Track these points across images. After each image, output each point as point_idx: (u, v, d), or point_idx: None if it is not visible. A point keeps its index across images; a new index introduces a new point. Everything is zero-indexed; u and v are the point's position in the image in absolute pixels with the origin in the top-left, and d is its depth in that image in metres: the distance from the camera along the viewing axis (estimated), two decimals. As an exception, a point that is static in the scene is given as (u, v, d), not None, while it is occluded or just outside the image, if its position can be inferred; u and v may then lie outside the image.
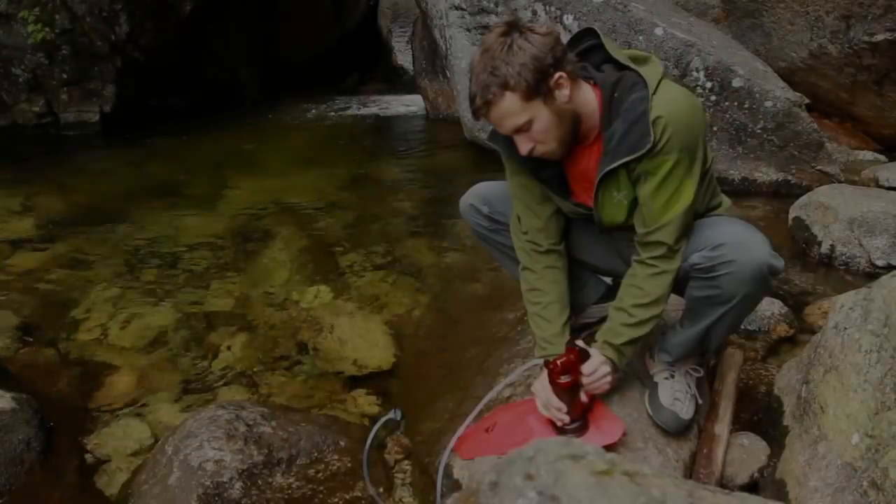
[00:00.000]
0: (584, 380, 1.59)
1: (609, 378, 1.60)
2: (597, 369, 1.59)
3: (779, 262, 1.50)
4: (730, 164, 4.01)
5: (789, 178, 3.97)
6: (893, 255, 2.83)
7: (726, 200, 1.73)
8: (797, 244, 3.21)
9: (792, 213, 3.31)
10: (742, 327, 2.50)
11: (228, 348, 2.81)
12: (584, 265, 1.87)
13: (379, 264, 3.52)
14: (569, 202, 1.66)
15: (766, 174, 3.98)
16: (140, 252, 3.73)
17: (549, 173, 1.63)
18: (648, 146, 1.44)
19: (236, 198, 4.70)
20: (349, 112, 7.65)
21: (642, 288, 1.56)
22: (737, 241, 1.47)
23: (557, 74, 1.44)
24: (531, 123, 1.47)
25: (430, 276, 3.36)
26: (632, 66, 1.50)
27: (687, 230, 1.55)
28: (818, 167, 3.95)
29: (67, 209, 4.47)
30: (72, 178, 5.14)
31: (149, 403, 2.45)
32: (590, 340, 1.68)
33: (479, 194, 1.82)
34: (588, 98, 1.53)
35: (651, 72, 1.49)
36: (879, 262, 2.84)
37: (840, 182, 3.88)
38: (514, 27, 1.43)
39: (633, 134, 1.46)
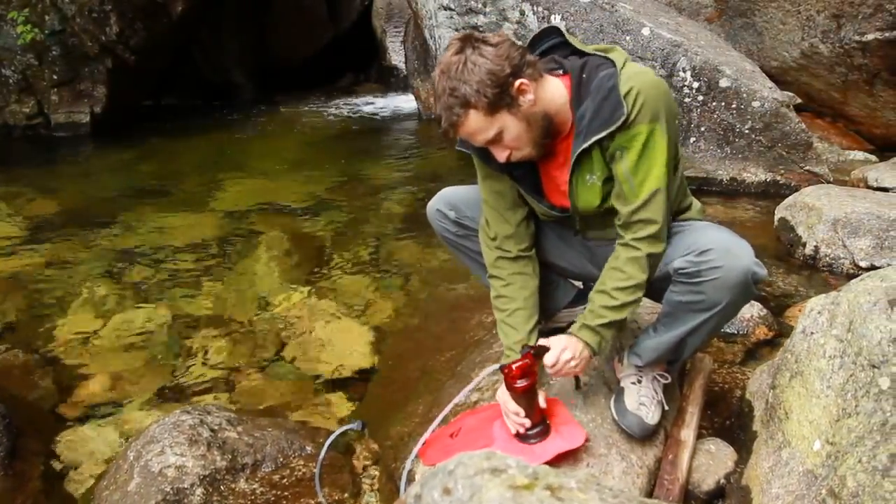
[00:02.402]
0: (549, 370, 1.55)
1: (575, 363, 1.54)
2: (559, 357, 1.53)
3: (762, 271, 1.48)
4: (718, 165, 3.99)
5: (778, 178, 3.95)
6: (877, 257, 2.80)
7: (696, 203, 1.71)
8: (783, 245, 3.19)
9: (777, 214, 3.29)
10: (721, 330, 2.48)
11: (208, 351, 2.79)
12: (554, 269, 1.84)
13: (364, 266, 3.50)
14: (542, 204, 1.64)
15: (755, 174, 3.96)
16: (125, 254, 3.72)
17: (522, 172, 1.61)
18: (622, 118, 1.42)
19: (225, 199, 4.69)
20: (343, 112, 7.64)
21: (625, 271, 1.52)
22: (724, 248, 1.44)
23: (518, 82, 1.42)
24: (501, 134, 1.46)
25: (414, 278, 3.34)
26: (597, 52, 1.51)
27: (668, 211, 1.52)
28: (806, 167, 3.92)
29: (54, 210, 4.46)
30: (60, 180, 5.13)
31: (123, 407, 2.43)
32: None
33: (447, 199, 1.80)
34: (557, 92, 1.51)
35: (616, 54, 1.50)
36: (863, 264, 2.81)
37: (829, 182, 3.85)
38: (466, 42, 1.42)
39: (604, 109, 1.44)
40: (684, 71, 3.84)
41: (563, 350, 1.54)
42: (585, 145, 1.47)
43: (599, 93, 1.45)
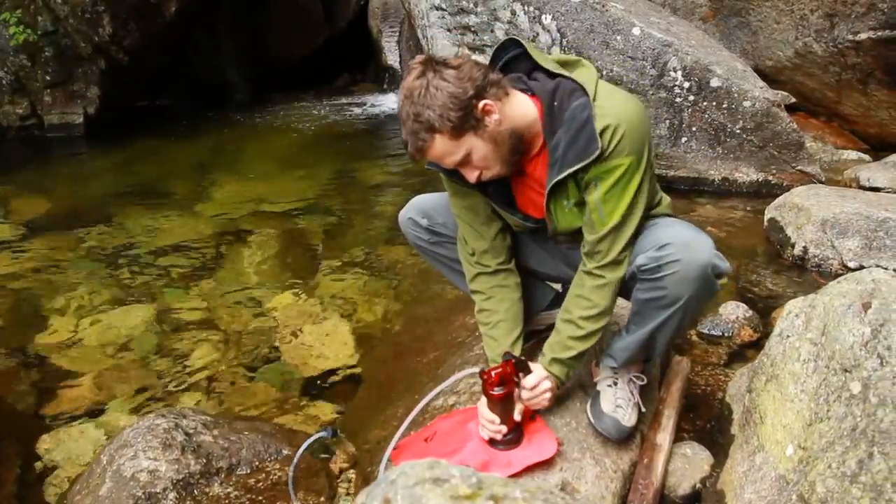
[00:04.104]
0: (525, 394, 1.57)
1: (549, 395, 1.58)
2: (538, 384, 1.56)
3: (724, 264, 1.48)
4: (709, 165, 3.97)
5: (770, 178, 3.93)
6: (865, 257, 2.78)
7: (666, 198, 1.70)
8: (772, 246, 3.17)
9: (767, 214, 3.27)
10: (706, 331, 2.47)
11: (194, 354, 2.78)
12: (531, 273, 1.83)
13: (354, 268, 3.49)
14: (515, 216, 1.63)
15: (747, 174, 3.94)
16: (116, 255, 3.72)
17: (494, 188, 1.60)
18: (597, 153, 1.41)
19: (218, 200, 4.68)
20: (339, 112, 7.62)
21: (590, 299, 1.53)
22: (682, 241, 1.44)
23: (482, 104, 1.41)
24: (470, 156, 1.46)
25: (404, 280, 3.33)
26: (564, 72, 1.48)
27: (634, 239, 1.53)
28: (798, 167, 3.90)
29: (45, 211, 4.46)
30: (52, 181, 5.13)
31: (107, 410, 2.42)
32: (537, 349, 1.65)
33: (418, 207, 1.79)
34: (526, 109, 1.49)
35: (586, 77, 1.47)
36: (851, 264, 2.79)
37: (821, 182, 3.83)
38: (427, 66, 1.40)
39: (578, 142, 1.43)
40: (675, 71, 3.82)
41: (545, 378, 1.56)
42: (560, 177, 1.47)
43: (574, 124, 1.43)
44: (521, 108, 1.49)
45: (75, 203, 4.64)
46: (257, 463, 1.80)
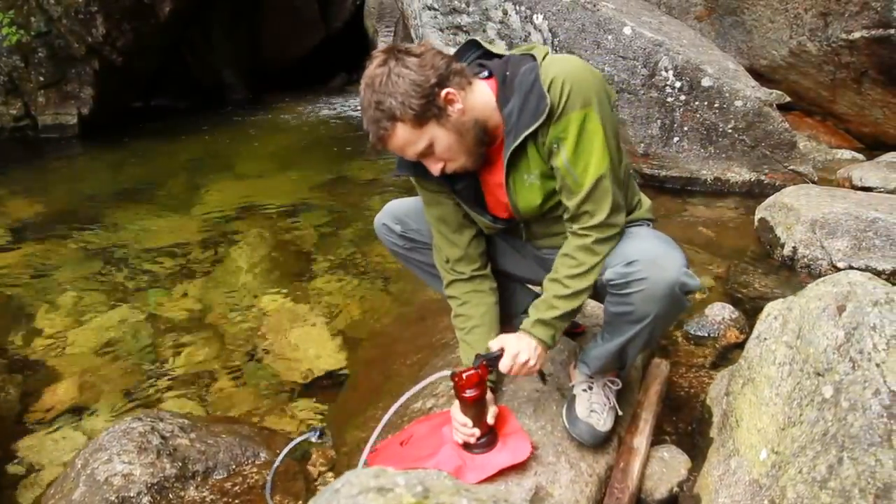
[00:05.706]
0: (509, 374, 1.51)
1: (532, 362, 1.51)
2: (513, 362, 1.49)
3: (693, 281, 1.43)
4: (701, 165, 3.96)
5: (762, 178, 3.91)
6: (854, 257, 2.76)
7: (646, 201, 1.68)
8: (763, 246, 3.15)
9: (757, 215, 3.26)
10: (692, 332, 2.45)
11: (179, 355, 2.77)
12: (509, 276, 1.82)
13: (345, 268, 3.48)
14: (484, 217, 1.61)
15: (739, 174, 3.92)
16: (106, 256, 3.71)
17: (463, 185, 1.58)
18: (547, 109, 1.39)
19: (211, 200, 4.68)
20: (334, 112, 7.62)
21: (575, 258, 1.49)
22: (650, 259, 1.40)
23: (444, 92, 1.39)
24: (432, 146, 1.43)
25: (394, 281, 3.32)
26: (515, 52, 1.48)
27: (620, 199, 1.48)
28: (790, 167, 3.88)
29: (38, 212, 4.45)
30: (45, 181, 5.13)
31: (90, 411, 2.41)
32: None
33: (392, 213, 1.78)
34: (486, 97, 1.48)
35: (537, 50, 1.46)
36: (841, 265, 2.77)
37: (813, 182, 3.81)
38: (390, 54, 1.38)
39: (529, 104, 1.41)
40: (666, 70, 3.80)
41: (517, 355, 1.50)
42: (516, 143, 1.44)
43: (523, 87, 1.41)
44: (482, 96, 1.47)
45: (68, 204, 4.64)
46: (234, 466, 1.79)
